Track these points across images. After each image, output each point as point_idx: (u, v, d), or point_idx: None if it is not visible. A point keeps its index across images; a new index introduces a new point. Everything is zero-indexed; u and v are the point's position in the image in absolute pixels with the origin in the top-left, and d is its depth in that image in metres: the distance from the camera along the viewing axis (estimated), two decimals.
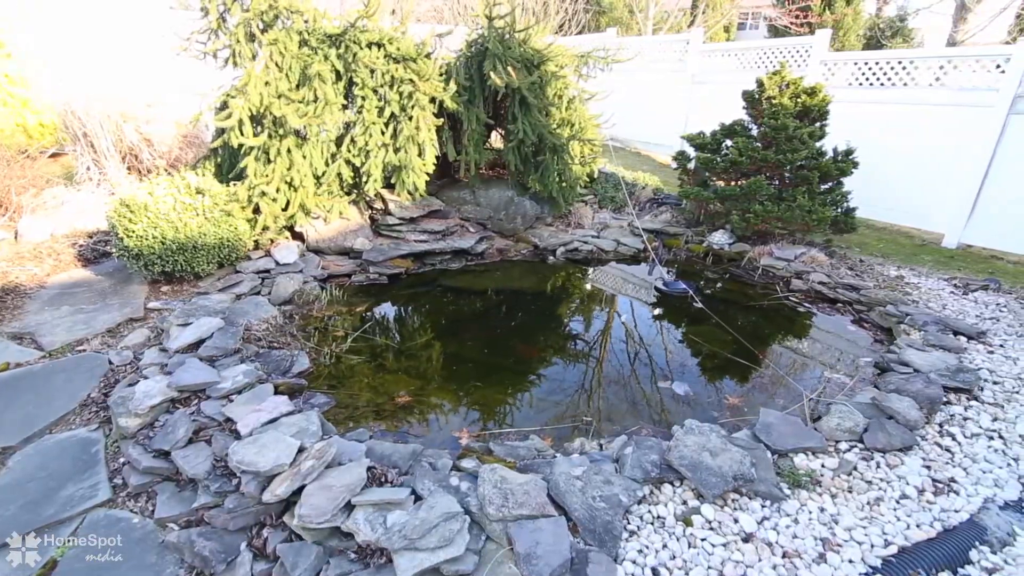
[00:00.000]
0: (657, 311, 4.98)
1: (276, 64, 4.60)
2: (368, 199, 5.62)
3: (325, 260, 5.12)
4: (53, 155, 6.39)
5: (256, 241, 4.87)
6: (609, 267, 6.03)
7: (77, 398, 3.02)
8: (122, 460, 2.63)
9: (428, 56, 5.18)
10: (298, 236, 5.21)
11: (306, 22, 4.84)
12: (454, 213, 6.06)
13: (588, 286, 5.65)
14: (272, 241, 4.98)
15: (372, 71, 4.89)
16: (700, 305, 4.82)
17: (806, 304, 4.95)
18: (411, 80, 4.91)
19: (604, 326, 4.76)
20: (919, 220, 6.81)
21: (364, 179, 5.11)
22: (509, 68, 5.00)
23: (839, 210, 5.70)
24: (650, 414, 3.27)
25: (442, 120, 5.22)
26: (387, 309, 4.78)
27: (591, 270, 5.93)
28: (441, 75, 5.19)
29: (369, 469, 2.40)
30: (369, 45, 4.89)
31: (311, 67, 4.59)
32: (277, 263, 4.77)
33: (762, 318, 4.78)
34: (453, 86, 5.06)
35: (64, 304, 3.95)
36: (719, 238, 6.01)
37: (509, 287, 5.41)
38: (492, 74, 4.97)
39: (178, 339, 3.36)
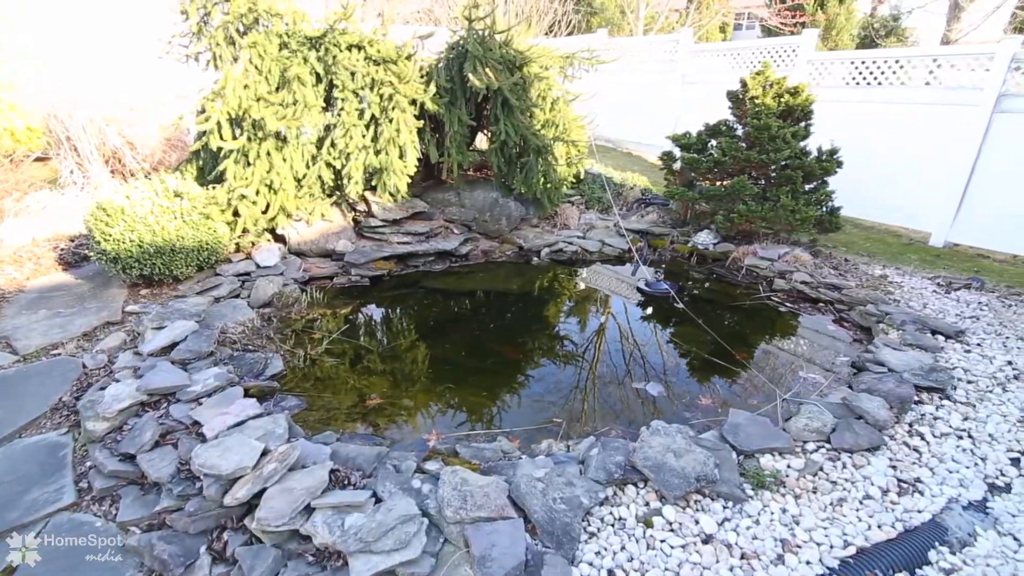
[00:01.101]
0: (639, 312, 4.98)
1: (256, 67, 4.61)
2: (351, 201, 5.61)
3: (307, 262, 5.12)
4: (39, 159, 6.40)
5: (237, 244, 4.88)
6: (596, 267, 6.02)
7: (49, 402, 3.02)
8: (89, 464, 2.63)
9: (409, 58, 5.19)
10: (280, 238, 5.21)
11: (286, 25, 4.84)
12: (438, 215, 6.06)
13: (574, 286, 5.64)
14: (253, 244, 4.98)
15: (352, 73, 4.89)
16: (681, 306, 4.82)
17: (788, 304, 4.94)
18: (391, 82, 4.91)
19: (584, 328, 4.75)
20: (907, 219, 6.80)
21: (345, 181, 5.12)
22: (488, 70, 5.00)
23: (823, 209, 5.69)
24: (622, 415, 3.27)
25: (423, 122, 5.22)
26: (368, 311, 4.77)
27: (583, 271, 5.93)
28: (422, 77, 5.19)
29: (332, 472, 2.40)
30: (349, 47, 4.90)
31: (290, 70, 4.59)
32: (258, 266, 4.77)
33: (743, 318, 4.78)
34: (433, 88, 5.06)
35: (42, 308, 3.95)
36: (704, 238, 6.01)
37: (492, 288, 5.40)
38: (471, 75, 4.98)
39: (152, 342, 3.36)
